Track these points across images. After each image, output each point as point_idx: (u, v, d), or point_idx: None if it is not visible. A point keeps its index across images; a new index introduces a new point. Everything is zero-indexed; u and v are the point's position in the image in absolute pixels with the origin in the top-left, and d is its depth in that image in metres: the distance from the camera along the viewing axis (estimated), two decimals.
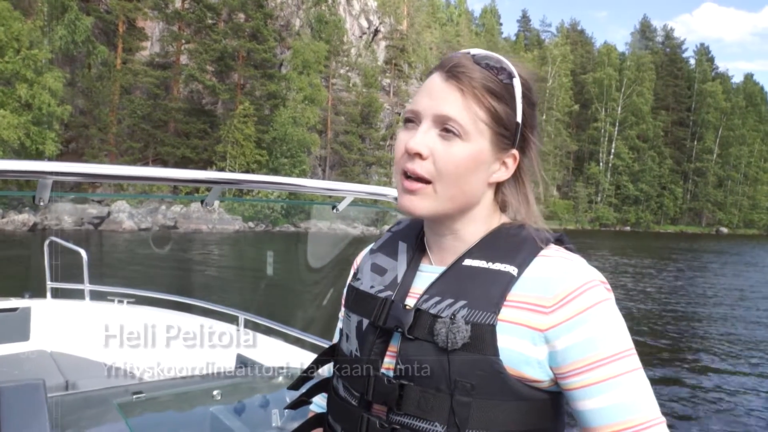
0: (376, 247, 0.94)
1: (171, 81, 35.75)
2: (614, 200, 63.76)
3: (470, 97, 0.76)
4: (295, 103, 36.46)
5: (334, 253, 14.67)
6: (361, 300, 0.86)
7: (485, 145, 0.77)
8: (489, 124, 0.77)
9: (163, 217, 29.22)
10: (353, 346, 0.85)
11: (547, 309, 0.73)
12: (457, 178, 0.77)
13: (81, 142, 32.51)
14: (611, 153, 64.34)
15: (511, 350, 0.72)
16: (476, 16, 79.83)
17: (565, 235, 0.83)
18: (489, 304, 0.73)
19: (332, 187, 1.95)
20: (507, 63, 0.79)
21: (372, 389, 0.79)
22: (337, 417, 0.87)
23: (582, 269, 0.75)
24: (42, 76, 26.66)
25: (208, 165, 34.03)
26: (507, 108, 0.78)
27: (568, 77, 63.04)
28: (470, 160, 0.77)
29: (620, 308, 0.76)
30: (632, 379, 0.71)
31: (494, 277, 0.76)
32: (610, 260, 25.51)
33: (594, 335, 0.72)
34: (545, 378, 0.74)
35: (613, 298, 0.76)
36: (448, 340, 0.72)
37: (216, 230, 29.57)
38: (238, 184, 1.80)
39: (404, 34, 52.27)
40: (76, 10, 30.11)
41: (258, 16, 37.18)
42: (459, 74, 0.77)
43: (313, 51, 38.36)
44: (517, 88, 0.78)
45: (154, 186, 15.87)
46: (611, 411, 0.71)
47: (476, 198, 0.80)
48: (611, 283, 0.78)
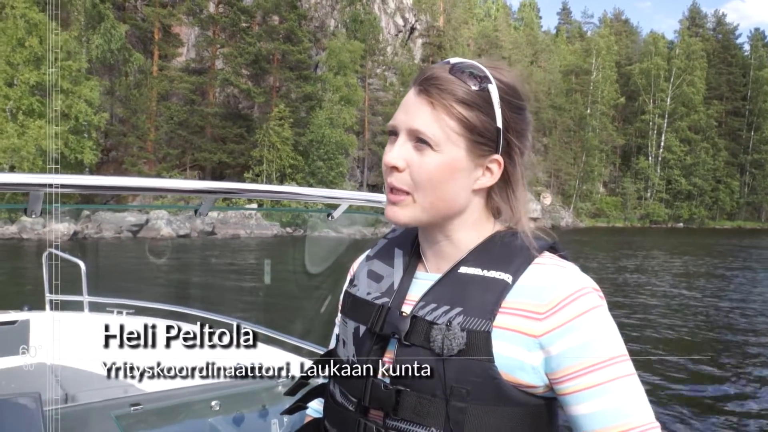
0: (372, 254, 0.95)
1: (207, 86, 35.65)
2: (665, 196, 60.95)
3: (440, 108, 0.79)
4: (331, 105, 35.85)
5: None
6: (358, 306, 0.88)
7: (460, 153, 0.79)
8: (461, 133, 0.79)
9: (202, 222, 29.00)
10: (350, 351, 0.86)
11: (541, 315, 0.75)
12: (433, 187, 0.80)
13: (120, 151, 32.69)
14: (661, 146, 61.61)
15: (506, 356, 0.75)
16: (514, 11, 78.09)
17: (559, 243, 0.84)
18: (484, 311, 0.76)
19: (327, 195, 1.95)
20: (483, 70, 0.80)
21: (369, 395, 0.80)
22: (333, 422, 0.88)
23: (575, 276, 0.78)
24: (79, 86, 26.76)
25: (244, 170, 33.77)
26: (481, 115, 0.79)
27: (613, 69, 60.73)
28: (444, 169, 0.79)
29: (677, 315, 0.75)
30: (625, 384, 0.73)
31: (489, 284, 0.78)
32: (661, 260, 23.94)
33: (587, 341, 0.74)
34: (540, 384, 0.76)
35: (606, 305, 0.78)
36: (444, 346, 0.75)
37: (254, 235, 29.17)
38: (232, 193, 1.77)
39: (441, 31, 51.25)
40: (113, 19, 30.25)
41: (292, 18, 36.76)
42: (430, 87, 0.80)
43: (349, 51, 37.65)
44: (493, 93, 0.79)
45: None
46: (603, 415, 0.73)
47: (459, 205, 0.82)
48: (663, 285, 0.75)
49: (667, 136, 61.34)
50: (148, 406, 1.89)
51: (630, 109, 63.63)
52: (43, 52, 25.78)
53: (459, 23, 55.41)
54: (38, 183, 1.24)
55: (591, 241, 35.47)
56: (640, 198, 61.10)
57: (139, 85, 32.67)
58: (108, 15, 30.18)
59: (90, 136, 27.70)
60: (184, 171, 33.32)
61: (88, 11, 29.49)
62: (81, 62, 27.34)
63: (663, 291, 14.54)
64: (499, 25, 63.04)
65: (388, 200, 0.84)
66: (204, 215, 1.71)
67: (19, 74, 25.42)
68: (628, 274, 18.24)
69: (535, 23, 73.55)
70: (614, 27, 70.74)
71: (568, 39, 73.90)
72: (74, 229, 25.06)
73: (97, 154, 28.44)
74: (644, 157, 61.99)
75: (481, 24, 63.25)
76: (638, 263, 22.32)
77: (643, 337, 9.52)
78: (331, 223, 6.13)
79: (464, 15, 58.18)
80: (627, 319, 10.67)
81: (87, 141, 27.35)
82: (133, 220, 26.80)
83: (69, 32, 27.65)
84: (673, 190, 60.88)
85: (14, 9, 25.67)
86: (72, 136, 26.59)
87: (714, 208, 62.50)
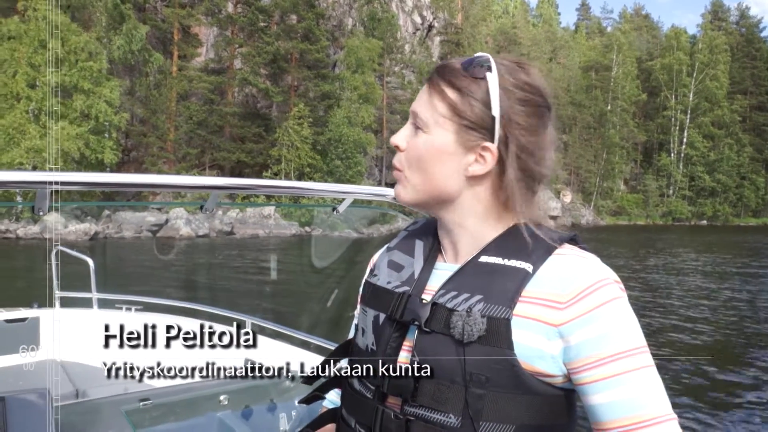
0: (393, 245, 0.97)
1: (225, 86, 35.75)
2: (688, 193, 59.88)
3: (435, 93, 0.83)
4: (349, 103, 35.73)
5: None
6: (378, 295, 0.89)
7: (448, 137, 0.82)
8: (449, 117, 0.81)
9: (220, 222, 29.10)
10: (369, 340, 0.87)
11: (562, 305, 0.75)
12: (419, 166, 0.84)
13: (141, 151, 32.93)
14: (683, 142, 60.54)
15: (525, 345, 0.75)
16: (533, 7, 77.35)
17: (579, 236, 0.85)
18: (504, 298, 0.76)
19: (332, 189, 1.99)
20: (488, 59, 0.82)
21: (387, 381, 0.81)
22: (351, 410, 0.88)
23: (597, 267, 0.78)
24: (99, 86, 26.96)
25: (263, 169, 33.80)
26: (475, 101, 0.80)
27: (634, 65, 59.81)
28: (431, 150, 0.82)
29: (707, 317, 0.75)
30: (643, 376, 0.73)
31: (510, 273, 0.78)
32: (688, 258, 23.47)
33: (606, 331, 0.74)
34: (558, 373, 0.76)
35: (626, 297, 0.78)
36: (464, 332, 0.75)
37: (273, 235, 29.16)
38: (237, 189, 1.74)
39: (459, 28, 50.89)
40: (134, 20, 30.47)
41: (310, 17, 36.72)
42: (434, 74, 0.84)
43: (367, 49, 37.49)
44: (491, 82, 0.80)
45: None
46: (620, 406, 0.73)
47: (450, 188, 0.84)
48: (693, 284, 0.76)
49: (689, 132, 60.24)
50: (157, 401, 1.90)
51: (651, 105, 62.67)
52: (65, 54, 26.02)
53: (477, 20, 54.98)
54: (38, 181, 1.24)
55: (613, 239, 35.00)
56: (662, 195, 60.13)
57: (159, 86, 32.87)
58: (129, 15, 30.41)
59: (110, 136, 27.90)
60: (204, 170, 33.47)
61: (109, 12, 29.74)
62: (102, 62, 27.54)
63: (693, 290, 14.21)
64: (518, 22, 62.48)
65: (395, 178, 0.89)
66: (210, 211, 1.66)
67: (41, 76, 25.67)
68: (656, 274, 17.85)
69: (553, 19, 72.90)
70: (635, 22, 69.72)
71: (588, 35, 73.06)
72: (95, 229, 25.26)
73: (118, 154, 28.63)
74: (666, 154, 60.99)
75: (499, 21, 62.72)
76: (664, 261, 21.93)
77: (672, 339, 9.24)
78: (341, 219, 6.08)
79: (482, 12, 57.72)
80: (658, 320, 10.36)
81: (107, 141, 27.55)
82: (153, 220, 26.95)
83: (89, 33, 27.89)
84: (697, 186, 59.75)
85: (36, 11, 25.93)
86: (93, 136, 26.80)
87: (738, 205, 61.24)
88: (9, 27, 25.79)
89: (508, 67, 0.82)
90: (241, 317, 2.90)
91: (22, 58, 25.56)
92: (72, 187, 1.34)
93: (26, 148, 24.40)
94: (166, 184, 1.56)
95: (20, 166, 24.04)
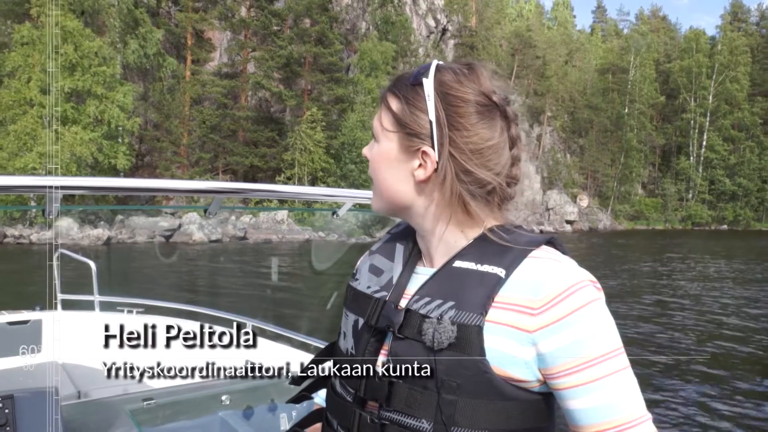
0: (375, 249, 0.98)
1: (239, 90, 35.62)
2: (708, 197, 58.63)
3: (383, 105, 0.87)
4: (363, 107, 35.39)
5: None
6: (358, 299, 0.90)
7: (391, 145, 0.84)
8: (391, 125, 0.84)
9: (234, 227, 28.87)
10: (349, 344, 0.89)
11: (535, 311, 0.75)
12: (374, 176, 0.88)
13: (155, 155, 32.84)
14: (703, 145, 59.35)
15: (498, 351, 0.75)
16: (547, 10, 76.65)
17: (557, 238, 0.84)
18: (476, 305, 0.76)
19: (331, 194, 2.04)
20: (426, 66, 0.83)
21: (364, 386, 0.83)
22: (333, 412, 0.90)
23: (571, 270, 0.78)
24: (112, 91, 26.87)
25: (276, 173, 33.54)
26: (411, 108, 0.82)
27: (652, 67, 58.88)
28: (379, 158, 0.86)
29: (727, 327, 0.76)
30: (618, 380, 0.74)
31: (482, 278, 0.78)
32: (710, 264, 22.70)
33: (582, 337, 0.74)
34: (532, 378, 0.76)
35: (603, 297, 0.78)
36: (434, 339, 0.76)
37: (286, 240, 28.85)
38: (239, 193, 1.81)
39: (473, 31, 50.44)
40: (149, 24, 30.43)
41: (323, 20, 36.51)
42: (386, 89, 0.88)
43: (381, 52, 37.14)
44: (427, 87, 0.81)
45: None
46: (597, 411, 0.74)
47: (405, 194, 0.85)
48: (712, 293, 0.76)
49: (709, 134, 59.04)
50: (161, 400, 1.91)
51: (669, 108, 61.58)
52: (78, 59, 25.95)
53: (491, 23, 54.50)
54: (41, 185, 1.24)
55: (632, 245, 34.26)
56: (681, 199, 58.95)
57: (173, 90, 32.79)
58: (144, 20, 30.38)
59: (123, 141, 27.80)
60: (217, 175, 33.30)
61: (123, 17, 29.71)
62: (115, 67, 27.46)
63: (718, 297, 13.67)
64: (532, 25, 61.86)
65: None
66: (213, 215, 1.63)
67: (54, 81, 25.62)
68: (683, 281, 17.22)
69: (569, 22, 72.15)
70: (652, 24, 68.80)
71: (604, 37, 72.23)
72: (108, 234, 25.14)
73: (131, 159, 28.50)
74: (685, 157, 59.84)
75: (513, 24, 62.16)
76: (686, 267, 21.27)
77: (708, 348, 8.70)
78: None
79: (496, 15, 57.24)
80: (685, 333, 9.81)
81: (120, 146, 27.45)
82: (166, 225, 26.79)
83: (103, 39, 27.84)
84: (717, 190, 58.52)
85: (48, 17, 25.91)
86: (106, 141, 26.70)
87: (760, 209, 59.80)
88: (22, 33, 25.79)
89: (452, 70, 0.83)
90: (243, 319, 2.93)
91: (35, 64, 25.55)
92: (78, 191, 1.34)
93: (38, 153, 24.33)
94: (169, 189, 1.54)
95: (33, 171, 24.01)
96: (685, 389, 6.68)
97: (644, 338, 9.19)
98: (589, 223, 49.52)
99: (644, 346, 8.73)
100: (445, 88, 0.81)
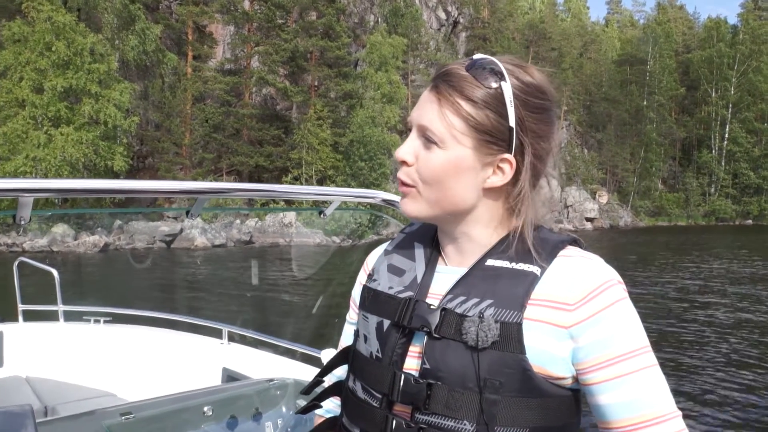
0: (391, 248, 0.95)
1: (242, 86, 34.14)
2: (732, 191, 56.50)
3: (446, 105, 0.79)
4: (372, 103, 33.76)
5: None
6: (381, 301, 0.87)
7: (466, 152, 0.79)
8: (466, 131, 0.79)
9: (238, 231, 27.40)
10: (373, 347, 0.86)
11: (571, 306, 0.76)
12: (438, 184, 0.81)
13: (156, 157, 31.44)
14: (725, 138, 57.22)
15: (536, 348, 0.76)
16: (560, 1, 74.64)
17: (580, 238, 0.85)
18: (514, 303, 0.76)
19: (318, 192, 1.95)
20: (500, 66, 0.79)
21: (397, 389, 0.80)
22: (355, 419, 0.87)
23: (602, 268, 0.79)
24: (108, 89, 25.46)
25: (283, 173, 32.04)
26: (491, 113, 0.78)
27: (671, 58, 56.80)
28: (449, 167, 0.80)
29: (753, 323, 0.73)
30: (647, 376, 0.75)
31: (518, 276, 0.78)
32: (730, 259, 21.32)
33: (613, 333, 0.75)
34: (568, 375, 0.77)
35: (629, 297, 0.79)
36: (478, 338, 0.75)
37: (294, 244, 27.29)
38: (223, 193, 1.70)
39: (486, 23, 48.72)
40: (144, 19, 29.00)
41: (330, 12, 34.96)
42: (441, 84, 0.80)
43: (390, 45, 35.47)
44: (506, 91, 0.78)
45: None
46: (627, 406, 0.75)
47: (467, 203, 0.82)
48: (738, 294, 0.80)
49: (731, 127, 56.87)
50: (139, 414, 1.82)
51: (690, 100, 59.57)
52: (71, 56, 24.55)
53: (504, 15, 52.76)
54: (14, 188, 1.19)
55: (654, 241, 32.61)
56: (703, 194, 56.94)
57: (173, 88, 31.36)
58: (140, 16, 28.97)
59: (120, 141, 26.38)
60: (221, 176, 31.87)
61: (118, 12, 28.31)
62: (111, 63, 26.04)
63: (747, 294, 12.37)
64: (545, 17, 59.97)
65: (400, 192, 0.87)
66: (195, 216, 1.54)
67: (47, 80, 24.26)
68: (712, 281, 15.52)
69: (583, 13, 70.30)
70: (669, 13, 66.70)
71: (619, 29, 70.24)
72: (105, 240, 23.76)
73: (128, 161, 27.05)
74: (707, 151, 57.76)
75: (526, 16, 60.32)
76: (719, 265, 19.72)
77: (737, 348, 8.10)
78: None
79: (508, 7, 55.45)
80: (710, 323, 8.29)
81: (118, 147, 26.01)
82: (167, 230, 25.37)
83: (97, 35, 26.44)
84: (741, 184, 56.41)
85: (40, 12, 24.51)
86: (102, 142, 25.29)
87: None
88: (13, 30, 24.42)
89: (513, 71, 0.79)
90: (218, 326, 2.79)
91: (27, 62, 24.19)
92: (49, 194, 1.26)
93: (28, 156, 22.97)
94: (148, 190, 1.49)
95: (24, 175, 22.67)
96: (709, 387, 6.63)
97: (675, 342, 8.88)
98: (609, 220, 47.66)
99: (676, 346, 8.54)
100: (518, 91, 0.78)
